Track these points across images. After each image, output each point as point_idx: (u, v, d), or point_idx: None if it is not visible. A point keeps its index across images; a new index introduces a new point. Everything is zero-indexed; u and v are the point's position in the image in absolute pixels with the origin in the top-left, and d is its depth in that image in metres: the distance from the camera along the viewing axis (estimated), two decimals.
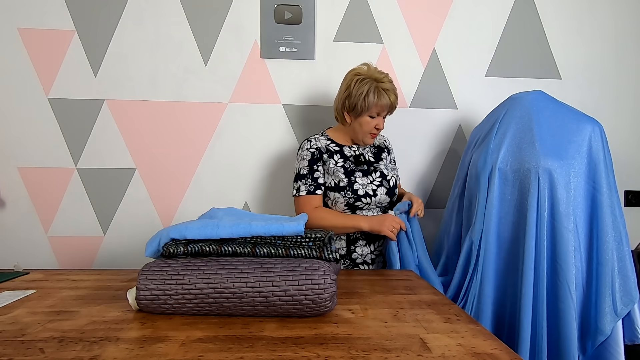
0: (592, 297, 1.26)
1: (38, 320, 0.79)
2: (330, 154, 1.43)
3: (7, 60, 1.68)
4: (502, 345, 0.68)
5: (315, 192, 1.40)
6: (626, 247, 1.27)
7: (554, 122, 1.33)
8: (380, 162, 1.49)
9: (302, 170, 1.41)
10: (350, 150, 1.47)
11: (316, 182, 1.40)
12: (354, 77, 1.40)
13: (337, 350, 0.66)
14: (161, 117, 1.75)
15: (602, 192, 1.27)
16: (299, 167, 1.42)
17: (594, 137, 1.30)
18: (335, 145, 1.46)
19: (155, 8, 1.72)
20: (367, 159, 1.47)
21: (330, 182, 1.40)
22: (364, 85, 1.36)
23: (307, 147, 1.43)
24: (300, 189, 1.40)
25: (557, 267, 1.23)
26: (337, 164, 1.42)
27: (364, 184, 1.40)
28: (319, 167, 1.41)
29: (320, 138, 1.47)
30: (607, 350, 1.24)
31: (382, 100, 1.36)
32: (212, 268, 0.80)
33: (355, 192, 1.38)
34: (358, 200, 1.39)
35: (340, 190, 1.38)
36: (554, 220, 1.25)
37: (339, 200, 1.39)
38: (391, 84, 1.39)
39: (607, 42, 1.89)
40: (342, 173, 1.40)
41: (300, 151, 1.44)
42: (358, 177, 1.41)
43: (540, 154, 1.27)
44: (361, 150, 1.48)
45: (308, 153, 1.41)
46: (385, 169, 1.48)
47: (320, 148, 1.43)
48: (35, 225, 1.73)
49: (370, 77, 1.38)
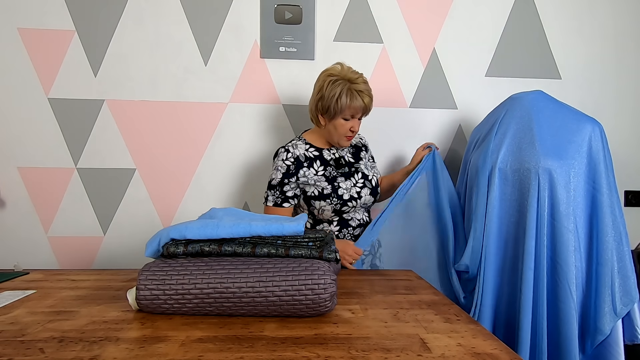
0: (592, 297, 1.26)
1: (38, 320, 0.79)
2: (310, 162, 1.39)
3: (7, 60, 1.69)
4: (502, 345, 0.68)
5: (282, 205, 1.38)
6: (626, 247, 1.27)
7: (554, 122, 1.33)
8: (360, 162, 1.48)
9: (273, 182, 1.38)
10: (330, 154, 1.44)
11: (284, 196, 1.37)
12: (326, 77, 1.35)
13: (337, 350, 0.66)
14: (161, 117, 1.75)
15: (602, 192, 1.27)
16: (271, 177, 1.39)
17: (594, 137, 1.30)
18: (314, 149, 1.42)
19: (155, 8, 1.72)
20: (348, 160, 1.46)
21: (314, 192, 1.38)
22: (336, 87, 1.31)
23: (283, 158, 1.37)
24: (269, 199, 1.39)
25: (557, 267, 1.23)
26: (318, 173, 1.39)
27: (348, 188, 1.39)
28: (291, 182, 1.37)
29: (298, 144, 1.42)
30: (606, 350, 1.24)
31: (355, 103, 1.32)
32: (212, 268, 0.80)
33: (340, 198, 1.37)
34: (344, 205, 1.38)
35: (326, 198, 1.37)
36: (554, 220, 1.25)
37: (325, 208, 1.38)
38: (365, 84, 1.35)
39: (607, 42, 1.89)
40: (324, 181, 1.38)
41: (277, 160, 1.39)
42: (341, 181, 1.39)
43: (540, 154, 1.27)
44: (340, 152, 1.46)
45: (284, 166, 1.37)
46: (366, 169, 1.47)
47: (299, 157, 1.38)
48: (35, 225, 1.73)
49: (344, 77, 1.33)
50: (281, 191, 1.37)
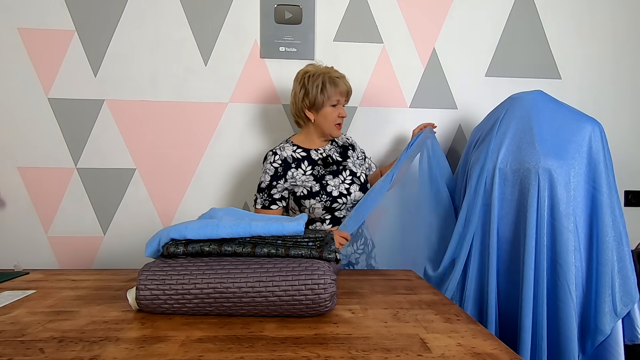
0: (592, 297, 1.26)
1: (38, 320, 0.79)
2: (298, 163, 1.42)
3: (7, 60, 1.68)
4: (502, 345, 0.68)
5: (269, 207, 1.42)
6: (626, 247, 1.27)
7: (554, 122, 1.33)
8: (348, 160, 1.50)
9: (262, 184, 1.42)
10: (317, 153, 1.46)
11: (271, 198, 1.42)
12: (304, 75, 1.42)
13: (337, 350, 0.66)
14: (161, 117, 1.75)
15: (602, 192, 1.27)
16: (260, 180, 1.43)
17: (594, 137, 1.30)
18: (302, 150, 1.45)
19: (155, 8, 1.72)
20: (335, 159, 1.48)
21: (302, 191, 1.39)
22: (317, 79, 1.39)
23: (271, 161, 1.41)
24: (257, 201, 1.44)
25: (557, 267, 1.23)
26: (306, 172, 1.41)
27: (336, 185, 1.41)
28: (279, 185, 1.40)
29: (286, 146, 1.45)
30: (607, 350, 1.24)
31: (340, 87, 1.40)
32: (212, 268, 0.80)
33: (329, 194, 1.39)
34: (334, 202, 1.39)
35: (315, 196, 1.38)
36: (554, 220, 1.25)
37: (315, 206, 1.39)
38: (340, 72, 1.43)
39: (607, 42, 1.89)
40: (312, 180, 1.40)
41: (265, 163, 1.43)
42: (329, 179, 1.41)
43: (540, 154, 1.27)
44: (328, 152, 1.48)
45: (272, 168, 1.40)
46: (354, 167, 1.49)
47: (286, 158, 1.41)
48: (35, 225, 1.73)
49: (320, 71, 1.41)
50: (269, 194, 1.42)
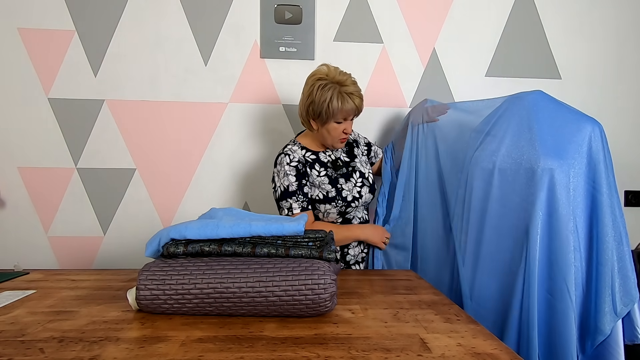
0: (592, 297, 1.25)
1: (38, 320, 0.79)
2: (311, 165, 1.40)
3: (7, 60, 1.68)
4: (502, 345, 0.68)
5: (308, 208, 1.36)
6: (626, 247, 1.27)
7: (554, 122, 1.33)
8: (356, 159, 1.49)
9: (291, 187, 1.33)
10: (326, 156, 1.44)
11: (307, 197, 1.35)
12: (315, 82, 1.33)
13: (337, 350, 0.66)
14: (161, 117, 1.75)
15: (602, 192, 1.27)
16: (284, 185, 1.34)
17: (594, 137, 1.30)
18: (311, 153, 1.42)
19: (155, 8, 1.72)
20: (344, 161, 1.46)
21: (318, 195, 1.37)
22: (326, 92, 1.29)
23: (287, 162, 1.36)
24: (293, 207, 1.33)
25: (555, 267, 1.23)
26: (320, 174, 1.39)
27: (350, 189, 1.40)
28: (307, 182, 1.36)
29: (295, 149, 1.41)
30: (606, 350, 1.24)
31: (347, 106, 1.30)
32: (212, 268, 0.80)
33: (345, 199, 1.38)
34: (348, 206, 1.39)
35: (331, 201, 1.37)
36: (553, 220, 1.25)
37: (330, 212, 1.38)
38: (355, 85, 1.33)
39: (608, 42, 1.89)
40: (327, 183, 1.38)
41: (280, 167, 1.36)
42: (342, 183, 1.40)
43: (540, 153, 1.27)
44: (336, 154, 1.46)
45: (291, 168, 1.35)
46: (362, 166, 1.48)
47: (300, 160, 1.38)
48: (35, 225, 1.73)
49: (332, 80, 1.31)
50: (303, 193, 1.34)
